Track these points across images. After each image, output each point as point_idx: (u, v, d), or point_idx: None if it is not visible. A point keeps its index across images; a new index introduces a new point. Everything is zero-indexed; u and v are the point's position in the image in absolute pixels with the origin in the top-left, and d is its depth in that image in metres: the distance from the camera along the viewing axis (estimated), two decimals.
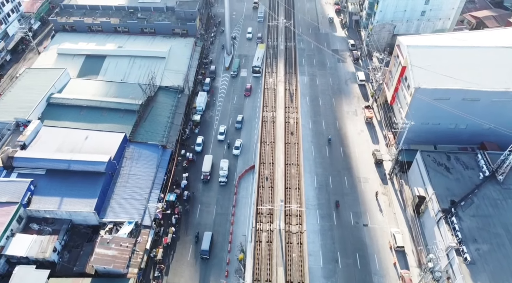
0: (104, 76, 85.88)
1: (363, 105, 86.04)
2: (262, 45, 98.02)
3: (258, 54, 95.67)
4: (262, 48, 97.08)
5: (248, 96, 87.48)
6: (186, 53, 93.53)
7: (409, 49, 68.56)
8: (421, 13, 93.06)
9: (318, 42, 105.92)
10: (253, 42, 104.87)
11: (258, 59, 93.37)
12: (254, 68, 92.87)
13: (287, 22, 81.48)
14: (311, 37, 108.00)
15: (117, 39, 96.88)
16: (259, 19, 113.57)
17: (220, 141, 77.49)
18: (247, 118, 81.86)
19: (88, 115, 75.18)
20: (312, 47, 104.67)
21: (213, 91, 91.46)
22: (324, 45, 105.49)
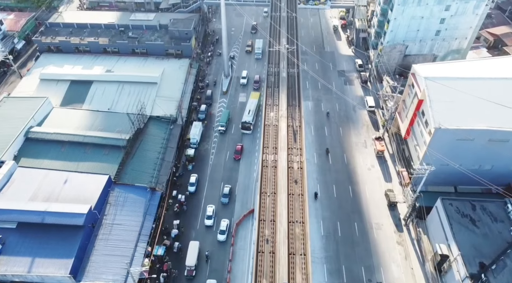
0: (90, 104, 78.63)
1: (373, 135, 78.49)
2: (256, 94, 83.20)
3: (250, 105, 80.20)
4: (255, 98, 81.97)
5: (238, 159, 73.95)
6: (180, 76, 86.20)
7: (427, 81, 61.05)
8: (436, 32, 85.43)
9: (323, 62, 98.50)
10: (248, 87, 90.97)
11: (249, 113, 78.12)
12: (244, 124, 77.88)
13: (290, 47, 74.31)
14: (315, 56, 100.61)
15: (105, 61, 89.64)
16: (257, 55, 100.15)
17: (208, 226, 64.11)
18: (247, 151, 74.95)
19: (69, 152, 67.94)
20: (316, 67, 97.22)
21: (210, 113, 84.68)
22: (329, 65, 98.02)
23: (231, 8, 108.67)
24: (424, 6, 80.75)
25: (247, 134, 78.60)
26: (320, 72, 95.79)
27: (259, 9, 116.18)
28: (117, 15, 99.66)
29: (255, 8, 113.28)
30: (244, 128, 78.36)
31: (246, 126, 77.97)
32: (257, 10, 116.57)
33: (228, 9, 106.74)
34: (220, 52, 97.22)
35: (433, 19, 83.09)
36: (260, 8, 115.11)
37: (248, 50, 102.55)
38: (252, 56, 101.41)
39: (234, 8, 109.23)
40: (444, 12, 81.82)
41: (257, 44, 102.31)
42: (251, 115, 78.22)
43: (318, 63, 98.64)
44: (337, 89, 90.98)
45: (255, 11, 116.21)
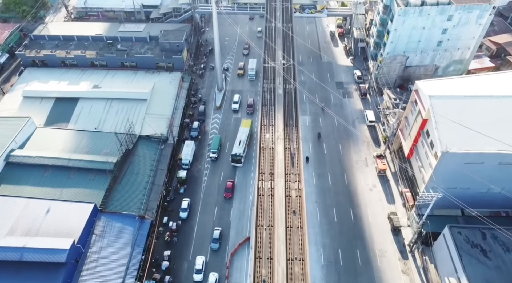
0: (75, 123, 74.47)
1: (374, 152, 74.89)
2: (248, 122, 75.14)
3: (241, 135, 72.30)
4: (247, 126, 74.21)
5: (229, 198, 66.65)
6: (171, 91, 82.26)
7: (432, 100, 57.50)
8: (438, 43, 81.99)
9: (320, 73, 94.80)
10: (242, 113, 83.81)
11: (240, 144, 70.61)
12: (234, 157, 70.15)
13: (286, 63, 70.65)
14: (312, 67, 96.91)
15: (93, 76, 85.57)
16: (250, 77, 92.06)
17: None
18: None
19: (53, 177, 63.86)
20: (314, 79, 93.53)
21: (204, 128, 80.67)
22: (327, 76, 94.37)
23: (224, 17, 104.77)
24: (426, 17, 77.30)
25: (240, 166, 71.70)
26: (318, 84, 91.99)
27: (252, 29, 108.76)
28: (105, 26, 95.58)
29: (248, 29, 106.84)
30: (235, 161, 70.97)
31: (236, 159, 70.60)
32: (251, 28, 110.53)
33: (221, 18, 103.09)
34: (213, 65, 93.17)
35: (435, 30, 79.67)
36: (253, 28, 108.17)
37: (240, 73, 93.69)
38: (245, 78, 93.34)
39: (228, 16, 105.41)
40: (446, 22, 78.44)
41: (250, 64, 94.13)
42: (242, 146, 70.56)
43: (316, 74, 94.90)
44: (336, 102, 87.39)
45: (248, 30, 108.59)
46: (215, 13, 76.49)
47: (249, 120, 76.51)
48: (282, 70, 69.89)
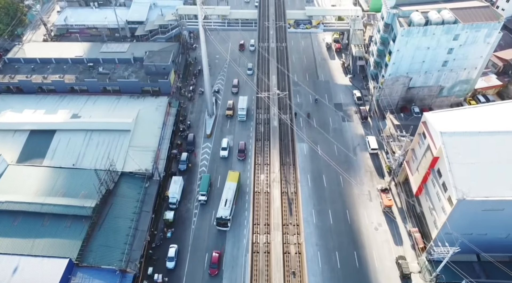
0: (52, 159, 67.82)
1: (378, 185, 69.13)
2: (235, 175, 65.85)
3: (227, 193, 62.65)
4: (234, 180, 64.81)
5: (215, 275, 56.69)
6: (157, 119, 75.84)
7: (444, 138, 51.80)
8: (443, 63, 76.48)
9: (317, 94, 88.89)
10: (230, 159, 74.06)
11: (226, 204, 60.93)
12: (220, 220, 60.66)
13: (282, 93, 64.67)
14: (309, 86, 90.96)
15: (72, 102, 78.97)
16: (240, 117, 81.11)
17: None
18: None
19: (24, 225, 57.26)
20: (310, 100, 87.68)
21: (195, 154, 74.42)
22: (325, 97, 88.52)
23: (214, 33, 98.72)
24: (431, 36, 71.74)
25: None
26: (315, 106, 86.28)
27: (242, 65, 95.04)
28: (86, 47, 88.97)
29: (238, 66, 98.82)
30: (220, 225, 61.31)
31: (222, 223, 60.95)
32: (241, 64, 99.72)
33: (212, 33, 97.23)
34: (202, 90, 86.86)
35: (440, 50, 74.14)
36: (243, 63, 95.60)
37: (229, 114, 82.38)
38: (234, 119, 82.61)
39: (218, 32, 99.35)
40: (452, 42, 72.94)
41: (240, 103, 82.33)
42: (228, 207, 60.75)
43: (312, 95, 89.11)
44: (335, 126, 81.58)
45: (238, 65, 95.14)
46: (203, 35, 70.24)
47: (237, 173, 66.98)
48: (277, 100, 63.90)
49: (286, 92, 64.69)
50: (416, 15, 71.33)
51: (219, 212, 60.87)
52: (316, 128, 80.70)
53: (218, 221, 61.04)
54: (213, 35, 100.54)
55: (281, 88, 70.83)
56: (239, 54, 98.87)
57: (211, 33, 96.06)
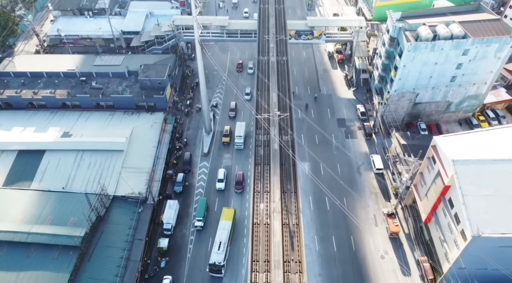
0: (40, 182, 64.43)
1: (384, 208, 65.73)
2: (229, 213, 60.53)
3: (221, 234, 57.64)
4: (229, 218, 59.63)
5: None
6: (152, 138, 72.44)
7: (456, 166, 48.39)
8: (451, 78, 73.02)
9: (319, 109, 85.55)
10: (227, 192, 68.61)
11: (220, 248, 55.96)
12: (213, 266, 55.48)
13: (282, 114, 61.27)
14: (310, 100, 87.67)
15: (64, 119, 75.61)
16: (237, 145, 75.30)
17: None
18: None
19: (8, 257, 53.85)
20: (312, 115, 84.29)
21: (192, 172, 70.77)
22: (327, 112, 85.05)
23: (213, 42, 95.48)
24: (439, 52, 68.28)
25: None
26: (317, 121, 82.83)
27: (240, 86, 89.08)
28: (79, 59, 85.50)
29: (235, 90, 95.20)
30: (213, 271, 55.75)
31: (215, 269, 55.50)
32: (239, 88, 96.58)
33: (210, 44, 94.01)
34: (199, 106, 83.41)
35: (449, 65, 70.67)
36: (241, 87, 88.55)
37: (225, 141, 76.46)
38: (231, 147, 76.98)
39: (215, 43, 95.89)
40: (461, 57, 69.48)
41: (237, 130, 76.81)
42: (222, 251, 55.56)
43: (314, 109, 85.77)
44: (338, 143, 78.20)
45: (237, 89, 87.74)
46: (200, 51, 66.81)
47: (231, 210, 61.65)
48: (278, 122, 60.46)
49: (287, 114, 61.32)
50: (424, 29, 67.93)
51: (212, 257, 55.36)
52: (319, 145, 77.44)
53: (211, 267, 55.48)
54: (211, 45, 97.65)
55: (281, 107, 67.55)
56: (237, 75, 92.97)
57: (209, 45, 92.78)
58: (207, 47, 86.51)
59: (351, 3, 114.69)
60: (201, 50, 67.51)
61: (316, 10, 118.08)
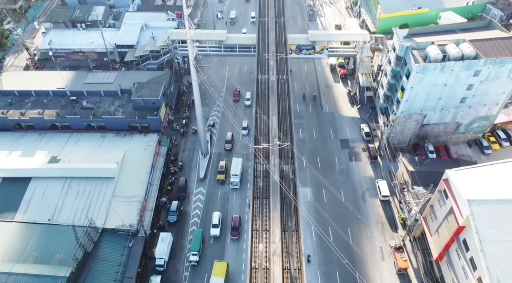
0: (25, 213, 60.48)
1: (390, 240, 61.78)
2: (222, 267, 54.86)
3: None
4: (221, 275, 53.84)
5: None
6: (145, 162, 68.55)
7: (472, 207, 44.52)
8: (461, 100, 69.17)
9: (321, 128, 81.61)
10: (223, 239, 62.52)
11: None
12: None
13: (283, 143, 57.36)
14: (312, 119, 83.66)
15: (52, 142, 71.72)
16: (233, 185, 68.85)
17: None
18: None
19: None
20: (315, 136, 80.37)
21: (188, 196, 66.82)
22: (329, 132, 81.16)
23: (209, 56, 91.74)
24: (449, 73, 64.40)
25: None
26: (319, 142, 79.04)
27: (237, 119, 79.38)
28: (70, 76, 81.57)
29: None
30: None
31: None
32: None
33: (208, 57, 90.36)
34: (195, 128, 79.38)
35: (459, 86, 66.79)
36: (238, 118, 80.00)
37: (220, 179, 70.07)
38: (226, 187, 70.13)
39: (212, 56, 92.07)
40: (472, 78, 65.63)
41: (233, 168, 69.69)
42: None
43: (316, 128, 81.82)
44: (341, 167, 74.22)
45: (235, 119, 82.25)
46: (195, 74, 62.75)
47: (224, 264, 55.30)
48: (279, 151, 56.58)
49: (288, 143, 57.40)
50: (433, 49, 64.04)
51: None
52: (321, 169, 73.53)
53: None
54: (209, 60, 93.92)
55: (282, 130, 63.66)
56: (233, 105, 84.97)
57: (205, 64, 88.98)
58: (203, 70, 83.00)
59: (354, 15, 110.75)
60: (196, 74, 63.45)
61: (318, 20, 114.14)
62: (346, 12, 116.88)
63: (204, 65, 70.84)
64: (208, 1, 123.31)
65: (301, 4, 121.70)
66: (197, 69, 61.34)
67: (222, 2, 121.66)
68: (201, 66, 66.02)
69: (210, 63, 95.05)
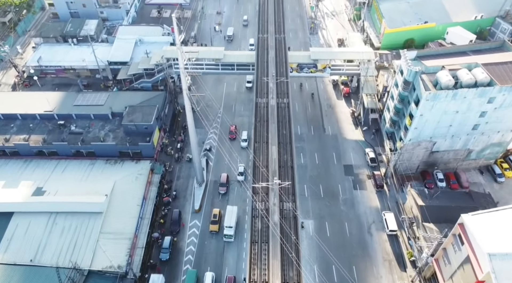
0: (5, 252, 55.95)
1: (399, 281, 57.46)
2: None
3: None
4: None
5: None
6: (136, 194, 64.17)
7: (493, 262, 40.21)
8: (473, 127, 65.05)
9: (324, 153, 77.21)
10: None
11: None
12: None
13: (283, 182, 53.11)
14: (314, 143, 79.33)
15: (38, 170, 67.39)
16: (227, 238, 62.05)
17: None
18: None
19: None
20: (317, 161, 76.05)
21: (183, 225, 62.67)
22: (332, 157, 76.79)
23: None
24: (461, 100, 60.10)
25: None
26: (322, 168, 74.70)
27: (232, 158, 71.43)
28: (58, 97, 77.21)
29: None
30: None
31: None
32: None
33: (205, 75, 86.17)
34: (189, 157, 74.93)
35: (471, 113, 62.48)
36: (234, 161, 71.90)
37: (213, 230, 63.27)
38: (219, 239, 63.13)
39: None
40: (486, 105, 61.39)
41: (227, 218, 62.80)
42: None
43: (318, 152, 77.45)
44: (346, 196, 69.84)
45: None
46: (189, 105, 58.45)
47: None
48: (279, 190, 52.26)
49: (290, 182, 53.07)
50: (444, 74, 59.72)
51: None
52: (324, 199, 69.27)
53: None
54: (207, 77, 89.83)
55: (282, 162, 59.31)
56: (229, 145, 76.56)
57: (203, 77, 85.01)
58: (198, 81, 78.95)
59: (357, 28, 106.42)
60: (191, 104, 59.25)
61: (319, 34, 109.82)
62: (348, 25, 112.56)
63: (199, 94, 66.40)
64: (206, 12, 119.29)
65: (302, 16, 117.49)
66: (190, 99, 57.02)
67: (220, 14, 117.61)
68: (196, 95, 61.96)
69: (207, 80, 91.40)
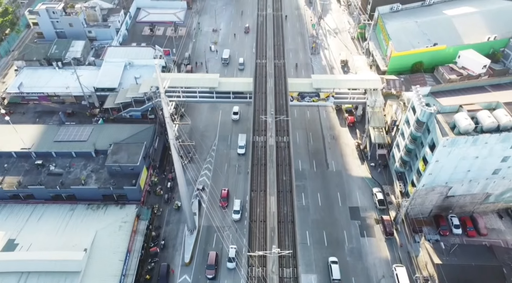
0: None
1: None
2: None
3: None
4: None
5: None
6: (120, 246, 57.50)
7: None
8: (494, 171, 58.82)
9: (327, 193, 70.56)
10: None
11: None
12: None
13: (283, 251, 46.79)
14: (316, 181, 72.60)
15: (11, 218, 60.81)
16: None
17: None
18: None
19: None
20: (320, 202, 69.51)
21: (173, 271, 56.76)
22: (337, 197, 70.19)
23: None
24: (482, 145, 53.85)
25: None
26: (325, 211, 68.16)
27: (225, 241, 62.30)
28: (38, 132, 70.72)
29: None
30: None
31: None
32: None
33: None
34: (178, 204, 68.33)
35: (492, 159, 56.26)
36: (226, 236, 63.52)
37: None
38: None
39: None
40: (509, 150, 55.22)
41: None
42: None
43: (321, 192, 70.90)
44: (352, 245, 63.33)
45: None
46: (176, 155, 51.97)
47: None
48: None
49: (291, 251, 46.68)
50: (463, 118, 53.33)
51: None
52: (328, 248, 62.76)
53: None
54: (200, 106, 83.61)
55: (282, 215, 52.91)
56: (221, 214, 66.00)
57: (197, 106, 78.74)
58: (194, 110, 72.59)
59: (361, 50, 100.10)
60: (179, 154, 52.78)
61: (321, 54, 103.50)
62: (352, 44, 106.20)
63: (189, 143, 60.11)
64: (202, 29, 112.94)
65: (303, 34, 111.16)
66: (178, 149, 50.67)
67: (216, 31, 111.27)
68: (180, 124, 55.78)
69: (201, 106, 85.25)
